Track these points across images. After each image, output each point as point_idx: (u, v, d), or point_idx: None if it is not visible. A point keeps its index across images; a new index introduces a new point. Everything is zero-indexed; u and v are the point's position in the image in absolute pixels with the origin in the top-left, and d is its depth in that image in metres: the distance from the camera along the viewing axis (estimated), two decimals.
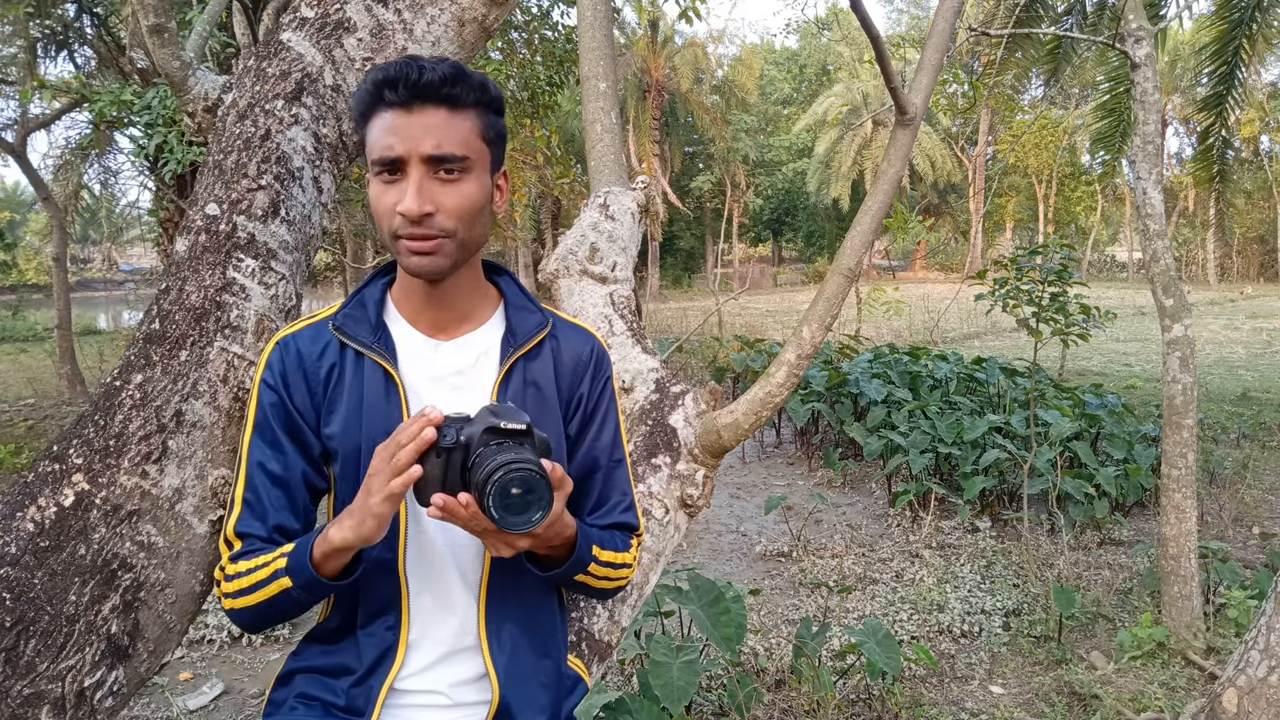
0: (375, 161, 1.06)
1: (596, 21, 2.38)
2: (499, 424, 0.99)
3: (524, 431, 0.99)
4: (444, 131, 1.05)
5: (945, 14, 1.90)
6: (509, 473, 0.94)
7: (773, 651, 3.41)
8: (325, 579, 1.04)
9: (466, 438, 0.99)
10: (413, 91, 1.03)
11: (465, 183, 1.07)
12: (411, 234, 1.05)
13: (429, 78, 1.03)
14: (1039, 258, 5.20)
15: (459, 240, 1.08)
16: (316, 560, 1.03)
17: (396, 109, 1.04)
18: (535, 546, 1.07)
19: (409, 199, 1.03)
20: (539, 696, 1.18)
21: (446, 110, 1.05)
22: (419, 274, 1.09)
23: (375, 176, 1.07)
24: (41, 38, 10.47)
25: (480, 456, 0.97)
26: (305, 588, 1.05)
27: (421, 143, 1.04)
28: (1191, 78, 26.30)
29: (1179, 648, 3.42)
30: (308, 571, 1.03)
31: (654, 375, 1.80)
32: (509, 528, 0.96)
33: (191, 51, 1.54)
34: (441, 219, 1.06)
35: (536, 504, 0.96)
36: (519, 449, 0.98)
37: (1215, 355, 12.68)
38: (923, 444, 5.45)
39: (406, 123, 1.04)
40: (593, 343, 1.25)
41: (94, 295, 34.14)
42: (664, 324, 17.08)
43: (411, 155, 1.04)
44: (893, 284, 11.10)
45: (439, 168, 1.05)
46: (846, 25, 27.58)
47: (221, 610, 1.24)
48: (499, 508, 0.94)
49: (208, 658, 3.53)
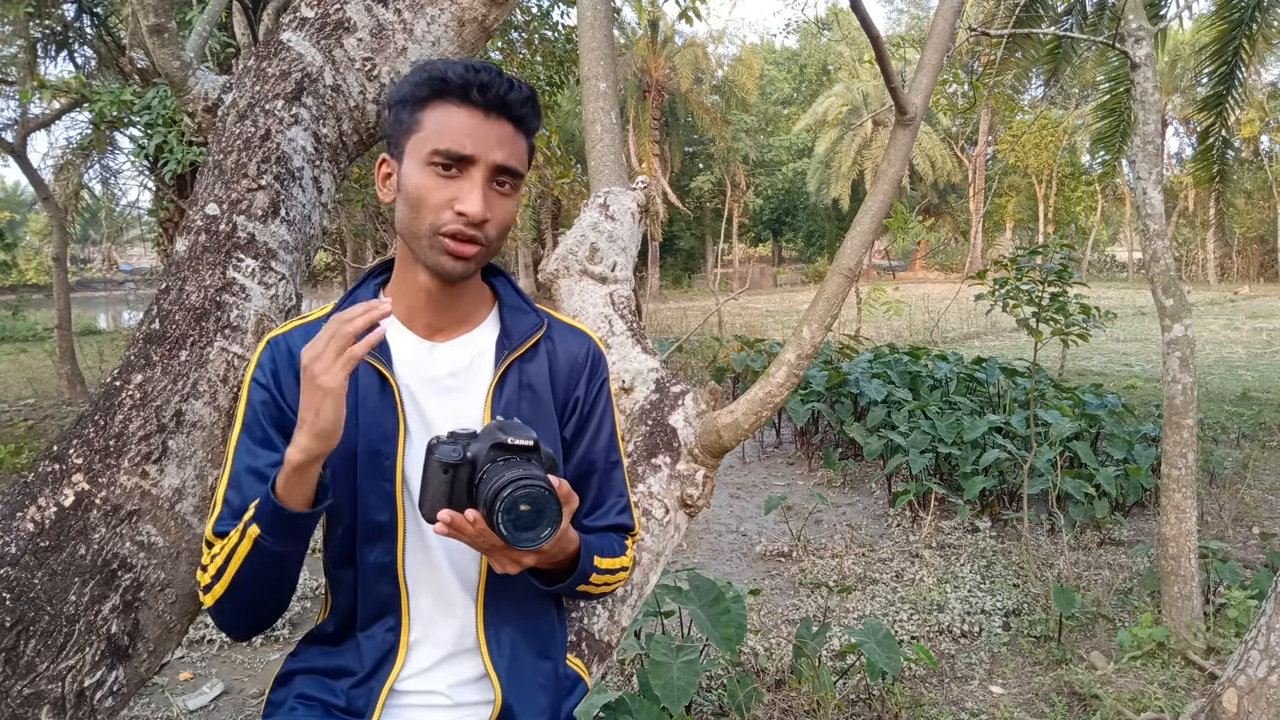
0: (439, 152, 1.05)
1: (596, 21, 2.38)
2: (506, 440, 0.98)
3: (531, 448, 0.99)
4: (513, 146, 1.09)
5: (945, 14, 1.90)
6: (518, 489, 0.94)
7: (773, 651, 3.41)
8: (292, 510, 1.01)
9: (473, 454, 0.98)
10: (497, 101, 1.06)
11: (512, 199, 1.10)
12: (460, 234, 1.06)
13: (515, 96, 1.07)
14: (1039, 258, 5.20)
15: (491, 249, 1.10)
16: (280, 492, 1.00)
17: (475, 109, 1.06)
18: (540, 562, 1.07)
19: (475, 202, 1.05)
20: (539, 698, 1.18)
21: (514, 128, 1.09)
22: (448, 274, 1.08)
23: (427, 165, 1.06)
24: (41, 38, 10.47)
25: (488, 473, 0.97)
26: (274, 526, 1.00)
27: (494, 151, 1.06)
28: (1191, 78, 26.30)
29: (1179, 648, 3.42)
30: (271, 502, 1.00)
31: (654, 375, 1.80)
32: (518, 544, 0.95)
33: (191, 51, 1.54)
34: (489, 228, 1.08)
35: (545, 521, 0.96)
36: (527, 465, 0.97)
37: (1215, 355, 12.68)
38: (923, 444, 5.45)
39: (483, 127, 1.06)
40: (589, 344, 1.25)
41: (94, 295, 34.14)
42: (664, 324, 17.08)
43: (482, 159, 1.06)
44: (893, 284, 11.09)
45: (497, 178, 1.08)
46: (846, 25, 27.57)
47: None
48: (508, 525, 0.94)
49: (208, 658, 3.53)
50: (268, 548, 1.02)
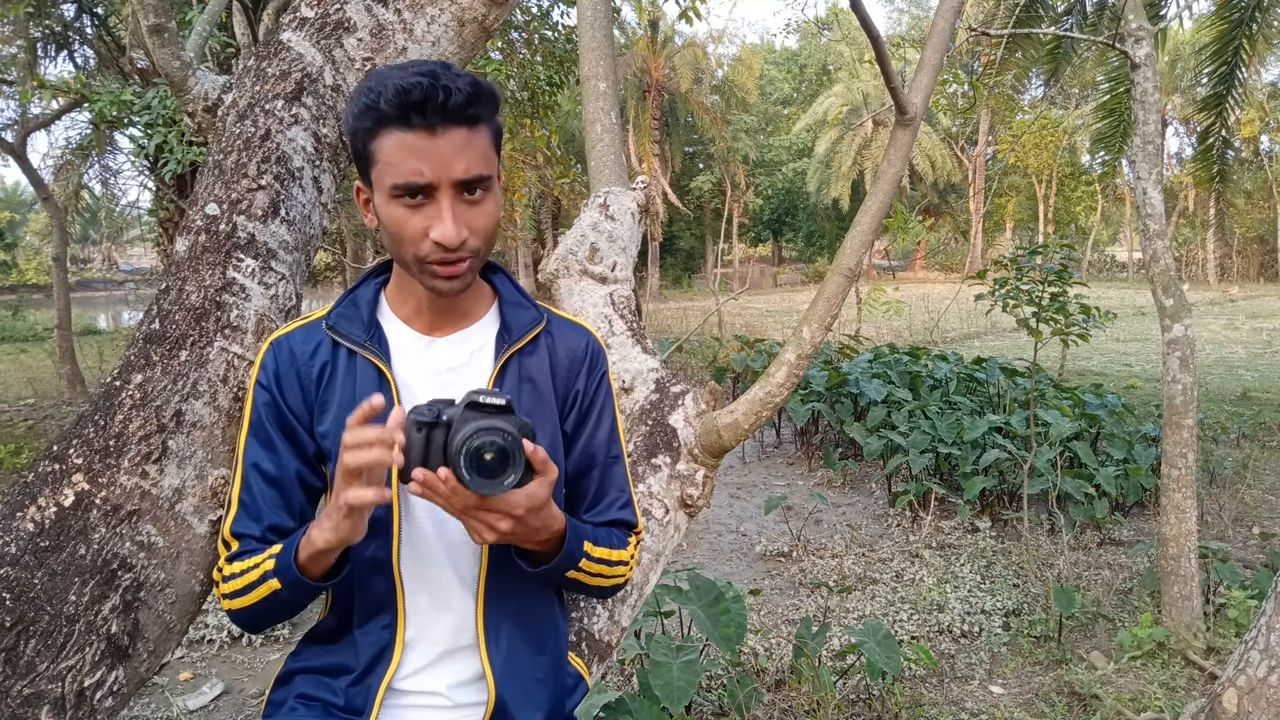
0: (398, 187, 1.01)
1: (596, 21, 2.38)
2: (478, 399, 0.99)
3: (503, 407, 0.99)
4: (470, 153, 1.02)
5: (945, 14, 1.90)
6: (480, 435, 0.94)
7: (773, 651, 3.41)
8: (312, 580, 1.04)
9: (449, 416, 0.99)
10: (441, 115, 0.99)
11: (488, 201, 1.06)
12: (444, 259, 1.04)
13: (456, 100, 0.99)
14: (1039, 258, 5.20)
15: (481, 256, 1.08)
16: (302, 562, 1.03)
17: (420, 131, 0.99)
18: (522, 537, 1.05)
19: (447, 229, 1.01)
20: (536, 693, 1.17)
21: (467, 129, 1.02)
22: (448, 295, 1.08)
23: (393, 200, 1.03)
24: (41, 38, 10.47)
25: (457, 427, 0.98)
26: (292, 589, 1.05)
27: (452, 168, 1.00)
28: (1191, 78, 26.30)
29: (1179, 648, 3.42)
30: (292, 573, 1.03)
31: (654, 375, 1.80)
32: (481, 490, 0.95)
33: (191, 51, 1.54)
34: (472, 241, 1.05)
35: (510, 469, 0.96)
36: (495, 417, 0.98)
37: (1215, 355, 12.68)
38: (923, 444, 5.45)
39: (433, 147, 1.00)
40: (588, 338, 1.25)
41: (94, 295, 34.15)
42: (664, 324, 17.08)
43: (442, 181, 1.01)
44: (893, 284, 11.09)
45: (465, 190, 1.03)
46: (846, 25, 27.58)
47: (221, 610, 1.24)
48: (470, 469, 0.94)
49: (208, 658, 3.53)
50: (286, 599, 1.07)
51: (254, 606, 1.09)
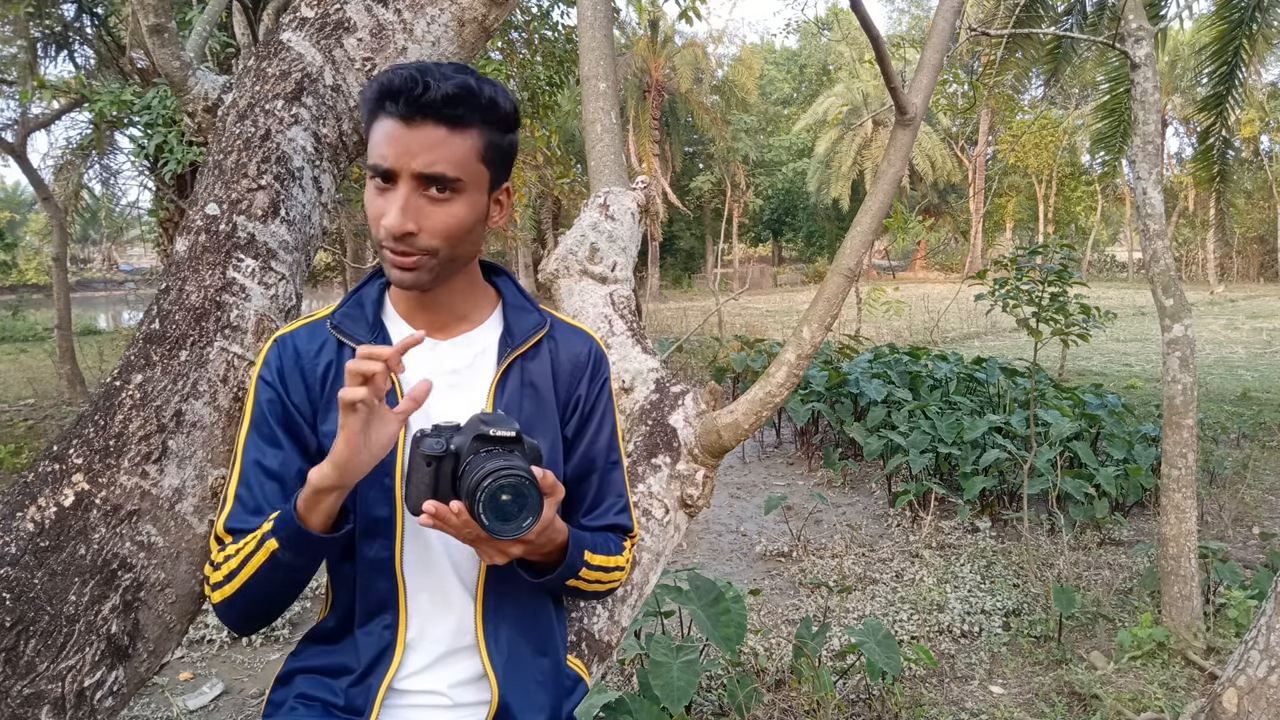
0: (370, 167, 1.05)
1: (596, 21, 2.38)
2: (488, 431, 0.99)
3: (513, 439, 0.99)
4: (440, 151, 1.02)
5: (945, 14, 1.90)
6: (498, 479, 0.94)
7: (773, 651, 3.41)
8: (311, 530, 1.01)
9: (456, 446, 0.99)
10: (414, 106, 1.00)
11: (455, 204, 1.05)
12: (393, 248, 1.05)
13: (432, 95, 1.00)
14: (1039, 258, 5.20)
15: (441, 259, 1.07)
16: (301, 510, 1.01)
17: (397, 119, 1.02)
18: (528, 553, 1.07)
19: (391, 215, 1.02)
20: (537, 695, 1.18)
21: (447, 129, 1.02)
22: (400, 285, 1.09)
23: (370, 181, 1.06)
24: (41, 38, 10.47)
25: (470, 464, 0.97)
26: (292, 543, 1.01)
27: (414, 160, 1.01)
28: (1191, 78, 26.29)
29: (1179, 648, 3.42)
30: (293, 523, 1.01)
31: (654, 375, 1.80)
32: (499, 534, 0.96)
33: (191, 51, 1.54)
34: (424, 238, 1.04)
35: (527, 511, 0.96)
36: (509, 456, 0.98)
37: (1215, 355, 12.68)
38: (923, 444, 5.45)
39: (404, 136, 1.01)
40: (591, 344, 1.25)
41: (94, 295, 34.16)
42: (664, 324, 17.08)
43: (402, 170, 1.02)
44: (893, 284, 11.09)
45: (429, 186, 1.03)
46: (846, 25, 27.57)
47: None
48: (489, 514, 0.94)
49: (208, 658, 3.53)
50: (284, 561, 1.03)
51: (248, 584, 1.06)
